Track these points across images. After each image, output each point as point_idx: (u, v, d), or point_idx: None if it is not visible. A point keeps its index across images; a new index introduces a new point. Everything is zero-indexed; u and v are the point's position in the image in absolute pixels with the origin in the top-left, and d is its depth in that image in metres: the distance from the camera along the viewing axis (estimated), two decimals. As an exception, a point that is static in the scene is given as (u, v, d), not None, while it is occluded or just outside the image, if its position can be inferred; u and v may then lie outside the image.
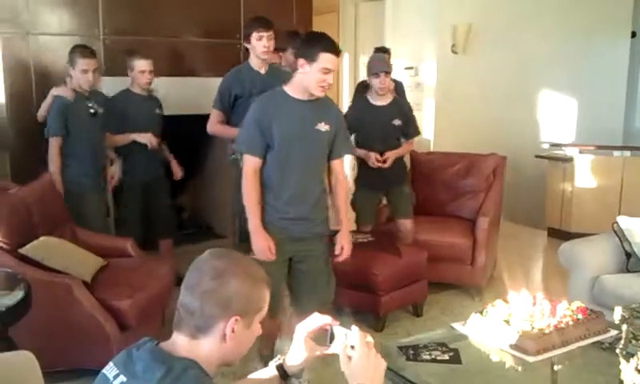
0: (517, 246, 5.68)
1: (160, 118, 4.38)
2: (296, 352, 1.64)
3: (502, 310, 2.46)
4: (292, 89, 2.86)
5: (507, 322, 2.40)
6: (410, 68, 6.16)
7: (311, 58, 2.73)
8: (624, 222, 3.65)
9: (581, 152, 5.98)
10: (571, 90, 6.62)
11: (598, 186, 5.83)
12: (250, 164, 2.88)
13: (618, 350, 2.01)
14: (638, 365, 1.90)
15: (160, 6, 4.89)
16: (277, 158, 2.86)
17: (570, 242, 3.93)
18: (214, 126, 3.84)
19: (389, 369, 2.24)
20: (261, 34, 3.67)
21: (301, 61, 2.78)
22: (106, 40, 4.68)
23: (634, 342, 1.98)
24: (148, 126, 4.23)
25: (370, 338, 1.52)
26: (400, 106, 4.33)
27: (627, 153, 6.14)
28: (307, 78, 2.78)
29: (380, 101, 4.17)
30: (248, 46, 3.78)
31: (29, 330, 2.70)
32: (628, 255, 3.65)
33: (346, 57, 6.88)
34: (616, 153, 6.19)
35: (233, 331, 1.42)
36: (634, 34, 6.86)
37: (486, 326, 2.45)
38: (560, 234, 5.65)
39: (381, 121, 4.16)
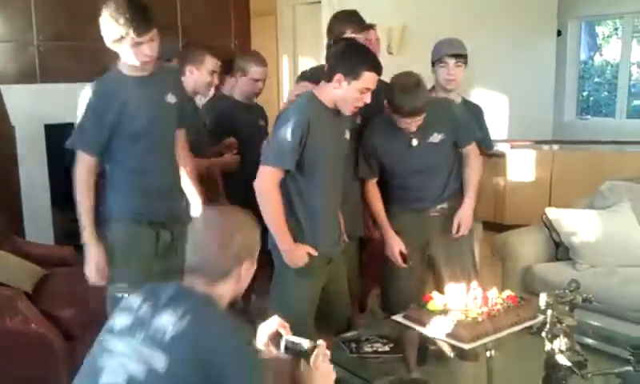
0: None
1: None
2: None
3: (439, 300, 2.59)
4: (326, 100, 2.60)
5: (443, 311, 2.52)
6: (348, 69, 6.26)
7: (353, 76, 2.49)
8: (552, 213, 3.84)
9: (512, 147, 6.23)
10: (502, 87, 6.87)
11: (529, 180, 6.09)
12: None
13: (543, 334, 2.14)
14: (560, 346, 2.05)
15: (97, 11, 4.84)
16: None
17: (503, 234, 4.11)
18: None
19: (333, 362, 2.36)
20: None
21: (338, 76, 2.51)
22: (41, 46, 4.62)
23: (558, 325, 2.11)
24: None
25: (320, 342, 1.74)
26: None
27: (556, 146, 6.43)
28: (342, 95, 2.54)
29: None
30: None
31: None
32: (557, 244, 3.85)
33: (284, 59, 6.94)
34: (545, 147, 6.47)
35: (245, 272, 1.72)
36: (559, 33, 7.17)
37: (423, 316, 2.56)
38: (494, 227, 5.86)
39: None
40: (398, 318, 2.66)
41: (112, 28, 2.49)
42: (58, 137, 4.33)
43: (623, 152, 6.18)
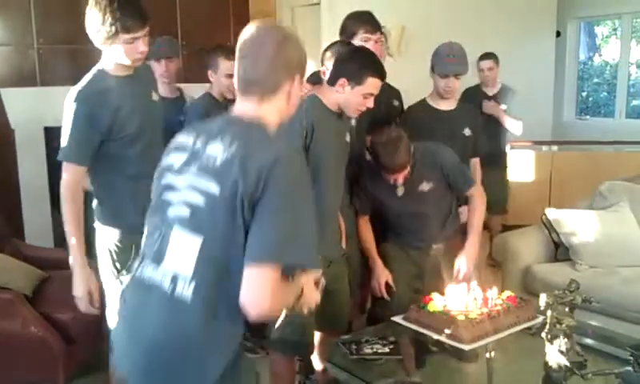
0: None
1: None
2: None
3: (439, 301, 2.59)
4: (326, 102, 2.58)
5: (443, 313, 2.52)
6: (347, 70, 6.26)
7: (357, 81, 2.48)
8: (551, 213, 3.85)
9: (512, 148, 6.23)
10: (501, 88, 6.88)
11: (529, 180, 6.10)
12: None
13: (543, 335, 2.14)
14: (560, 346, 2.05)
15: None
16: None
17: (502, 235, 4.12)
18: None
19: (334, 364, 2.37)
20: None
21: (342, 80, 2.50)
22: (41, 49, 4.62)
23: (558, 326, 2.11)
24: None
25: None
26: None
27: (555, 147, 6.44)
28: (345, 99, 2.53)
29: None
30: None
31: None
32: (556, 245, 3.86)
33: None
34: (544, 147, 6.48)
35: (295, 91, 1.71)
36: (558, 34, 7.19)
37: (423, 317, 2.57)
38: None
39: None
40: (398, 319, 2.66)
41: (105, 24, 2.28)
42: (57, 140, 4.33)
43: (622, 152, 6.18)
